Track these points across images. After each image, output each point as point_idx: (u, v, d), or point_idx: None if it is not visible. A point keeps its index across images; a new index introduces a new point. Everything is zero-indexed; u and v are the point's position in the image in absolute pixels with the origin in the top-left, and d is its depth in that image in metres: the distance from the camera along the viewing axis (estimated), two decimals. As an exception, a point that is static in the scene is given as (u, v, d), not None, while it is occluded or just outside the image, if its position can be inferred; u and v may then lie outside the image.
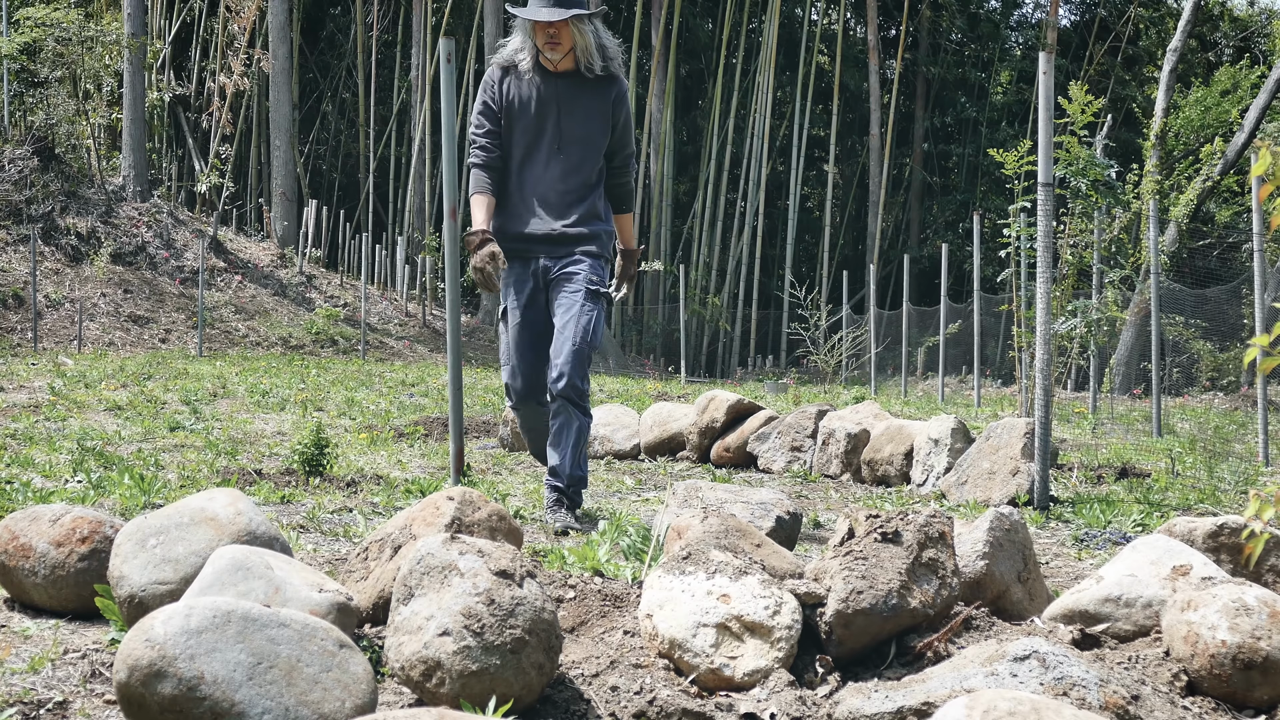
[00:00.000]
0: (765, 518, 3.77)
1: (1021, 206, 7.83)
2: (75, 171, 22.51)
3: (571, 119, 4.59)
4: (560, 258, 4.55)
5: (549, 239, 4.56)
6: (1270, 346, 2.18)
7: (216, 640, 1.91)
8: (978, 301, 15.00)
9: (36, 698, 2.26)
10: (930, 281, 30.38)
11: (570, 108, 4.58)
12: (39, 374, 12.29)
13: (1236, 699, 2.29)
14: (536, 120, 4.59)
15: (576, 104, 4.58)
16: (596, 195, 4.64)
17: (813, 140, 34.79)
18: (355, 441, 7.60)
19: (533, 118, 4.59)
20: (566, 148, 4.59)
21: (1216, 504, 5.73)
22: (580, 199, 4.59)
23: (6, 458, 5.93)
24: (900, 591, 2.43)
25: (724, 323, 30.02)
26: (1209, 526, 2.99)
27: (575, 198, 4.58)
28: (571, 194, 4.58)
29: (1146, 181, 17.48)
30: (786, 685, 2.27)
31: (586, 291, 4.49)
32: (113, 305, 19.89)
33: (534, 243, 4.58)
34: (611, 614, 2.69)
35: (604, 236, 4.65)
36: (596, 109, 4.61)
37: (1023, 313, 8.08)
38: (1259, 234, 8.87)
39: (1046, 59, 5.48)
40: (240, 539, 2.62)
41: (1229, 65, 24.01)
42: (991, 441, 5.80)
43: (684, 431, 7.43)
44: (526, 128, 4.60)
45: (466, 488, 3.16)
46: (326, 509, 4.78)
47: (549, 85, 4.60)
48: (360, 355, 20.63)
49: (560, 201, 4.57)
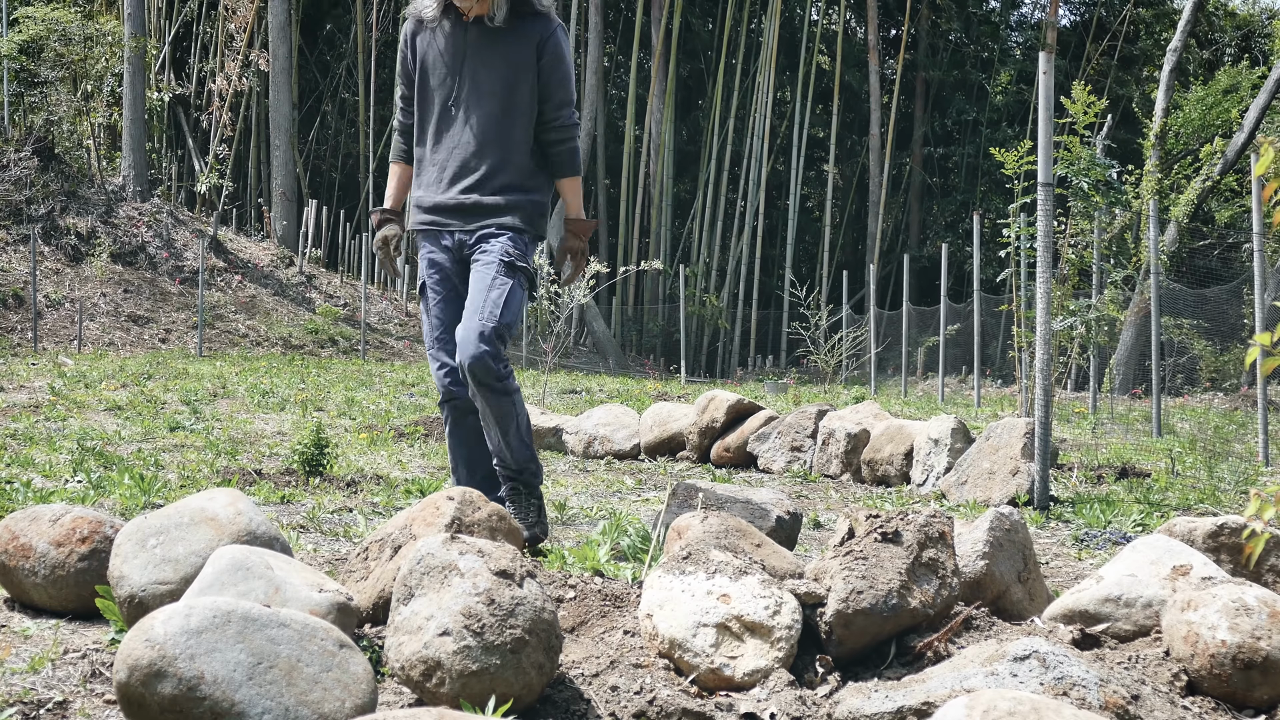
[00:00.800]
0: (765, 518, 3.77)
1: (1021, 206, 7.83)
2: (75, 171, 22.51)
3: (488, 71, 3.97)
4: (477, 232, 3.97)
5: (463, 210, 3.98)
6: (1271, 346, 2.18)
7: (216, 640, 1.91)
8: (978, 301, 15.01)
9: (36, 698, 2.26)
10: (930, 282, 30.36)
11: (486, 58, 3.97)
12: (39, 374, 12.29)
13: (1236, 699, 2.29)
14: (448, 75, 4.01)
15: (493, 53, 3.97)
16: (521, 160, 4.01)
17: (813, 140, 34.77)
18: (355, 441, 7.60)
19: (445, 72, 4.02)
20: (481, 104, 3.98)
21: (1216, 504, 5.73)
22: (500, 164, 3.97)
23: (6, 458, 5.93)
24: (900, 591, 2.43)
25: (723, 321, 30.01)
26: (1209, 526, 2.99)
27: (494, 163, 3.97)
28: (489, 158, 3.97)
29: (1146, 181, 17.48)
30: (786, 685, 2.27)
31: (500, 264, 3.89)
32: (113, 305, 19.89)
33: (448, 213, 4.01)
34: (611, 614, 2.69)
35: (528, 207, 4.02)
36: (518, 57, 3.96)
37: (1023, 313, 8.08)
38: (1259, 234, 8.87)
39: (1046, 59, 5.48)
40: (240, 539, 2.62)
41: (1229, 65, 24.01)
42: (991, 441, 5.80)
43: (684, 431, 7.43)
44: (438, 84, 4.03)
45: (466, 488, 3.16)
46: (326, 509, 4.79)
47: (460, 34, 4.00)
48: (360, 355, 20.63)
49: (476, 167, 3.98)
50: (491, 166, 3.96)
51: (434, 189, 4.02)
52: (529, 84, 3.98)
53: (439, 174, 4.01)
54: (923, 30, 35.91)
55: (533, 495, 4.03)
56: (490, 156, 3.97)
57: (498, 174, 3.97)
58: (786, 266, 29.71)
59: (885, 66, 35.19)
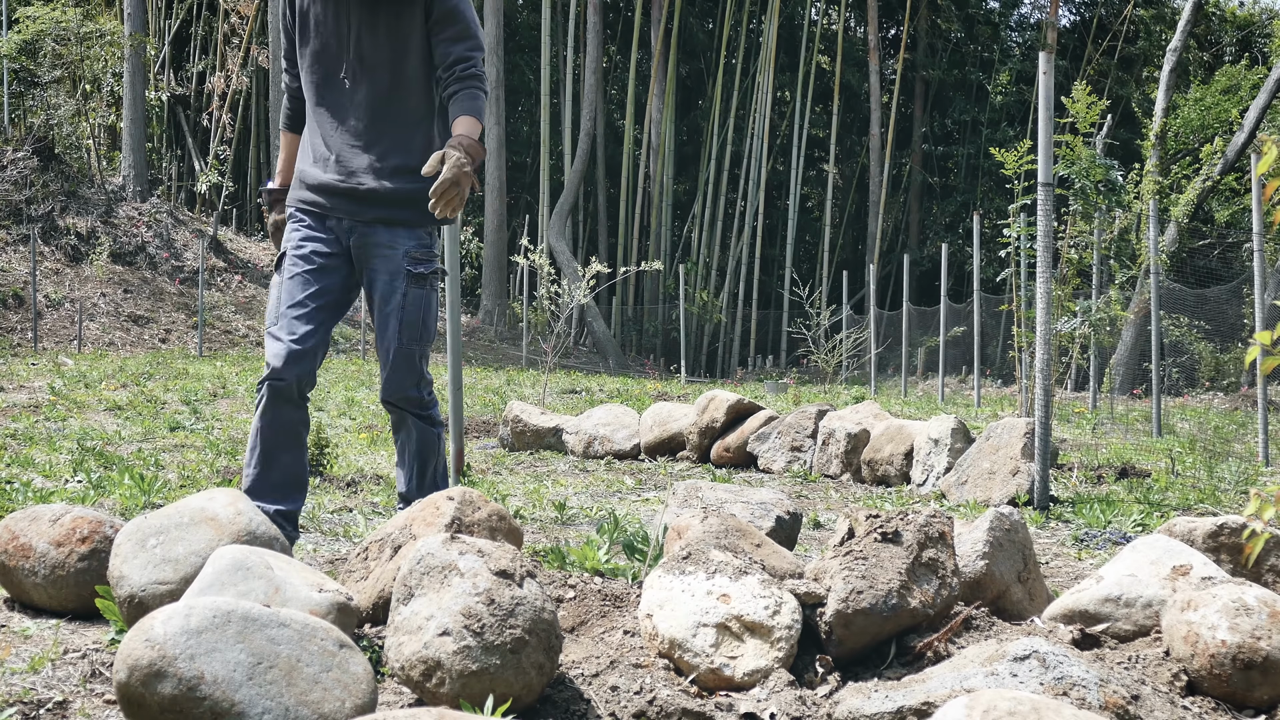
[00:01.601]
0: (765, 518, 3.77)
1: (1022, 206, 7.84)
2: (75, 171, 22.51)
3: (374, 38, 3.45)
4: (369, 222, 3.47)
5: (352, 196, 3.46)
6: (1271, 345, 2.18)
7: (216, 640, 1.91)
8: (978, 302, 15.02)
9: (36, 698, 2.26)
10: (930, 282, 30.39)
11: (370, 20, 3.44)
12: (39, 374, 12.29)
13: (1236, 699, 2.29)
14: (332, 38, 3.48)
15: (376, 14, 3.44)
16: (417, 138, 3.51)
17: (813, 140, 34.78)
18: (355, 441, 7.60)
19: (328, 35, 3.48)
20: (369, 76, 3.46)
21: (1216, 504, 5.73)
22: (393, 145, 3.48)
23: (6, 458, 5.93)
24: (900, 591, 2.43)
25: (721, 318, 30.00)
26: (1209, 526, 2.99)
27: (387, 144, 3.47)
28: (380, 139, 3.47)
29: (1146, 181, 17.48)
30: (786, 685, 2.27)
31: (408, 277, 3.46)
32: (113, 305, 19.89)
33: (335, 197, 3.48)
34: (611, 614, 2.69)
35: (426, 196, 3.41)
36: (408, 16, 3.45)
37: (1023, 313, 8.09)
38: (1259, 234, 8.87)
39: (1046, 59, 5.49)
40: (240, 539, 2.62)
41: (1229, 65, 24.01)
42: (991, 441, 5.80)
43: (684, 431, 7.43)
44: (320, 50, 3.49)
45: (466, 488, 3.16)
46: (326, 509, 4.79)
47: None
48: (360, 355, 20.62)
49: (366, 148, 3.47)
50: (384, 148, 3.47)
51: (319, 167, 3.50)
52: (421, 50, 3.48)
53: (324, 151, 3.50)
54: (922, 30, 35.91)
55: None
56: (381, 136, 3.48)
57: (390, 156, 3.47)
58: (786, 266, 29.72)
59: (885, 66, 35.20)
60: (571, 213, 29.60)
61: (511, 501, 5.24)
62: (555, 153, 29.88)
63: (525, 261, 11.98)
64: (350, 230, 3.48)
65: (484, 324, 26.90)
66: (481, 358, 22.82)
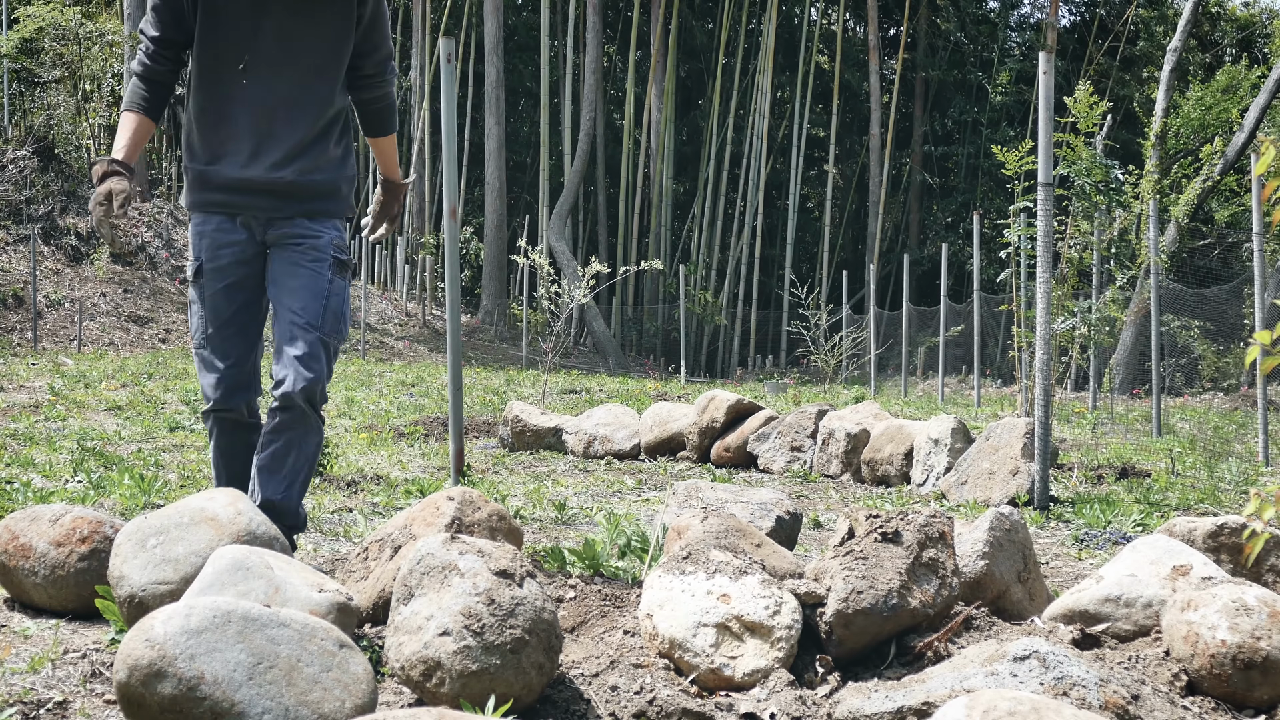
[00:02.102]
0: (765, 518, 3.77)
1: (1022, 207, 7.84)
2: (75, 171, 22.51)
3: (298, 22, 3.30)
4: (287, 216, 3.33)
5: (275, 191, 3.30)
6: (1271, 345, 2.18)
7: (216, 640, 1.91)
8: (978, 302, 15.02)
9: (36, 697, 2.26)
10: (930, 282, 30.38)
11: (295, 6, 3.30)
12: (39, 374, 12.29)
13: (1236, 699, 2.29)
14: (248, 21, 3.28)
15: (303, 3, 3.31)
16: (336, 128, 3.42)
17: (812, 140, 34.79)
18: (355, 441, 7.60)
19: (244, 18, 3.28)
20: (291, 64, 3.32)
21: (1216, 504, 5.73)
22: (315, 136, 3.35)
23: (6, 458, 5.93)
24: (900, 591, 2.43)
25: (720, 318, 30.00)
26: (1209, 526, 2.99)
27: (308, 133, 3.33)
28: (302, 127, 3.33)
29: (1146, 181, 17.48)
30: (786, 685, 2.27)
31: (333, 263, 3.34)
32: (113, 305, 19.89)
33: (255, 194, 3.31)
34: (611, 614, 2.69)
35: (345, 187, 3.45)
36: (336, 8, 3.34)
37: (1023, 313, 8.09)
38: (1259, 234, 8.87)
39: (1046, 59, 5.49)
40: (240, 539, 2.62)
41: (1229, 65, 24.01)
42: (991, 441, 5.80)
43: (684, 431, 7.43)
44: (234, 35, 3.28)
45: (466, 488, 3.16)
46: (326, 509, 4.79)
47: None
48: (360, 355, 20.62)
49: (286, 138, 3.31)
50: (305, 139, 3.34)
51: (232, 162, 3.31)
52: (347, 40, 3.38)
53: (237, 145, 3.31)
54: (922, 30, 35.92)
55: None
56: (303, 127, 3.33)
57: (312, 147, 3.35)
58: (786, 266, 29.72)
59: (885, 66, 35.19)
60: (571, 213, 29.61)
61: (511, 501, 5.24)
62: (555, 153, 29.89)
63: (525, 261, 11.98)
64: (268, 224, 3.34)
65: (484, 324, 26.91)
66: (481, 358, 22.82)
